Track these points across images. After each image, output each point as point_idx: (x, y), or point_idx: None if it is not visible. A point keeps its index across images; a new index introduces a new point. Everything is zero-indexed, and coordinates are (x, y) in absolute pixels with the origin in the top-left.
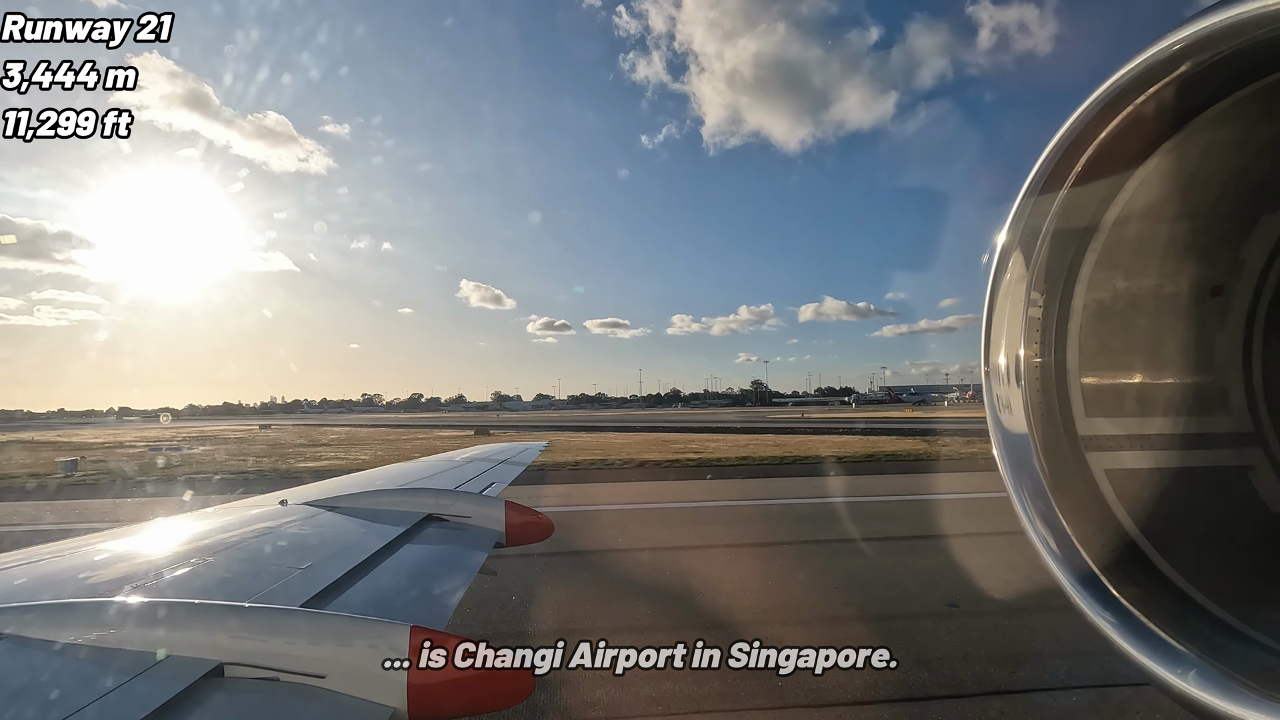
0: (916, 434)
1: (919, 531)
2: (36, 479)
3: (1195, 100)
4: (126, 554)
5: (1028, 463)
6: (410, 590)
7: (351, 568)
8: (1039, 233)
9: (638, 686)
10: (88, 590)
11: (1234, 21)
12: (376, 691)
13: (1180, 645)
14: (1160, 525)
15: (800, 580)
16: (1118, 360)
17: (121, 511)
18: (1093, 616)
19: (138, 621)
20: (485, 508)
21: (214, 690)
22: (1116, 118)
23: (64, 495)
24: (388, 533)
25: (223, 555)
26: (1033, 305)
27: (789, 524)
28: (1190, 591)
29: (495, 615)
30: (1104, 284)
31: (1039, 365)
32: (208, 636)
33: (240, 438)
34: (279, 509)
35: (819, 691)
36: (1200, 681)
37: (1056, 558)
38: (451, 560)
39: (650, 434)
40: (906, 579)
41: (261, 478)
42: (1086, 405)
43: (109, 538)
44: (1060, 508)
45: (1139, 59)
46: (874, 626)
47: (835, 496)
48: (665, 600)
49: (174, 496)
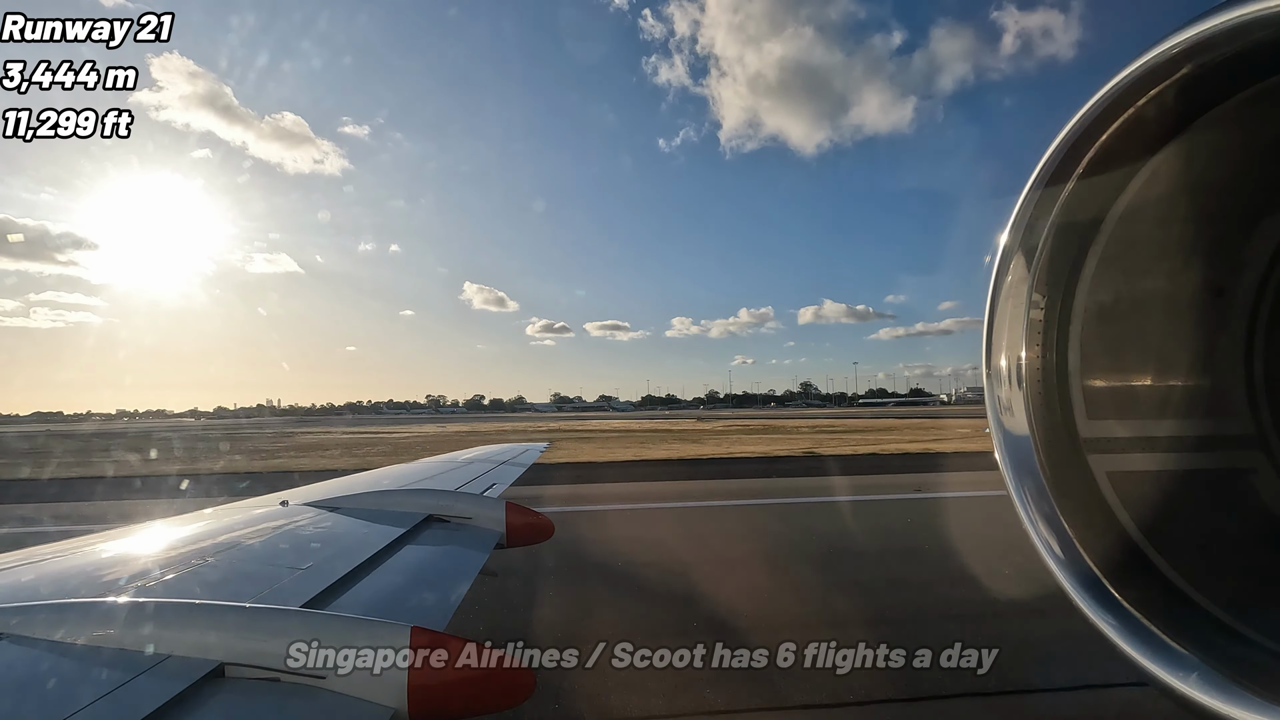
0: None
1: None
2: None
3: (1197, 102)
4: (127, 554)
5: (1029, 464)
6: (411, 591)
7: (353, 568)
8: (1040, 236)
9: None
10: (88, 590)
11: (1236, 24)
12: (377, 692)
13: (1181, 648)
14: (1162, 527)
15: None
16: (1119, 362)
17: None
18: (1094, 618)
19: (138, 621)
20: (486, 509)
21: (214, 690)
22: (1118, 120)
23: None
24: (389, 533)
25: (224, 555)
26: (1034, 307)
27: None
28: (1191, 594)
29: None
30: (1105, 286)
31: (1040, 367)
32: (208, 637)
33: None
34: (280, 509)
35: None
36: (1201, 684)
37: (1058, 560)
38: (452, 561)
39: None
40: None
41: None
42: (1088, 407)
43: (110, 537)
44: (1062, 510)
45: (1141, 61)
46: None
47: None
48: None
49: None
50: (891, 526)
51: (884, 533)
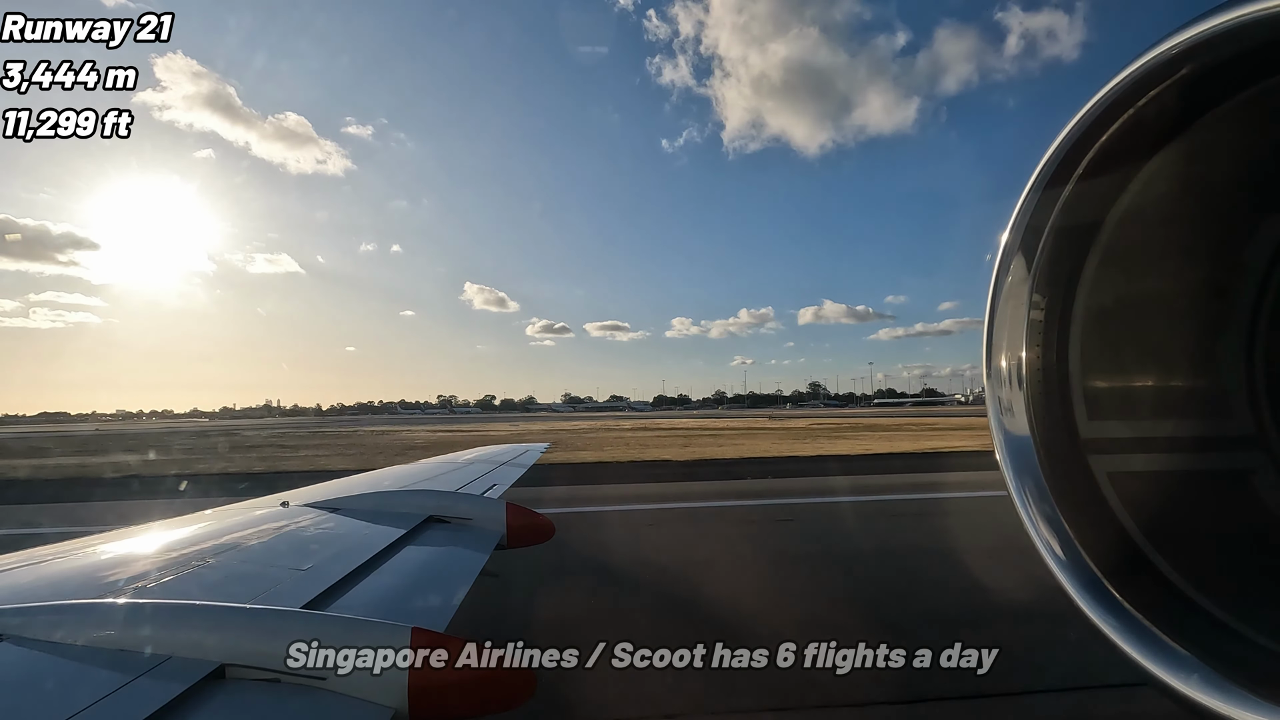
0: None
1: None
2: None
3: (1197, 102)
4: (128, 555)
5: (1030, 465)
6: (412, 591)
7: (353, 569)
8: (1041, 236)
9: None
10: (89, 591)
11: (1236, 24)
12: (378, 693)
13: (1182, 648)
14: (1163, 528)
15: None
16: (1120, 363)
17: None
18: (1095, 619)
19: (139, 622)
20: (487, 509)
21: (215, 691)
22: (1118, 121)
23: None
24: (389, 534)
25: (224, 556)
26: (1035, 308)
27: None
28: (1193, 595)
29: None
30: (1106, 287)
31: (1041, 368)
32: (209, 637)
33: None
34: (281, 510)
35: None
36: (1202, 686)
37: (1059, 560)
38: (453, 561)
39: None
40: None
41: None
42: (1089, 408)
43: (111, 538)
44: (1062, 511)
45: (1141, 61)
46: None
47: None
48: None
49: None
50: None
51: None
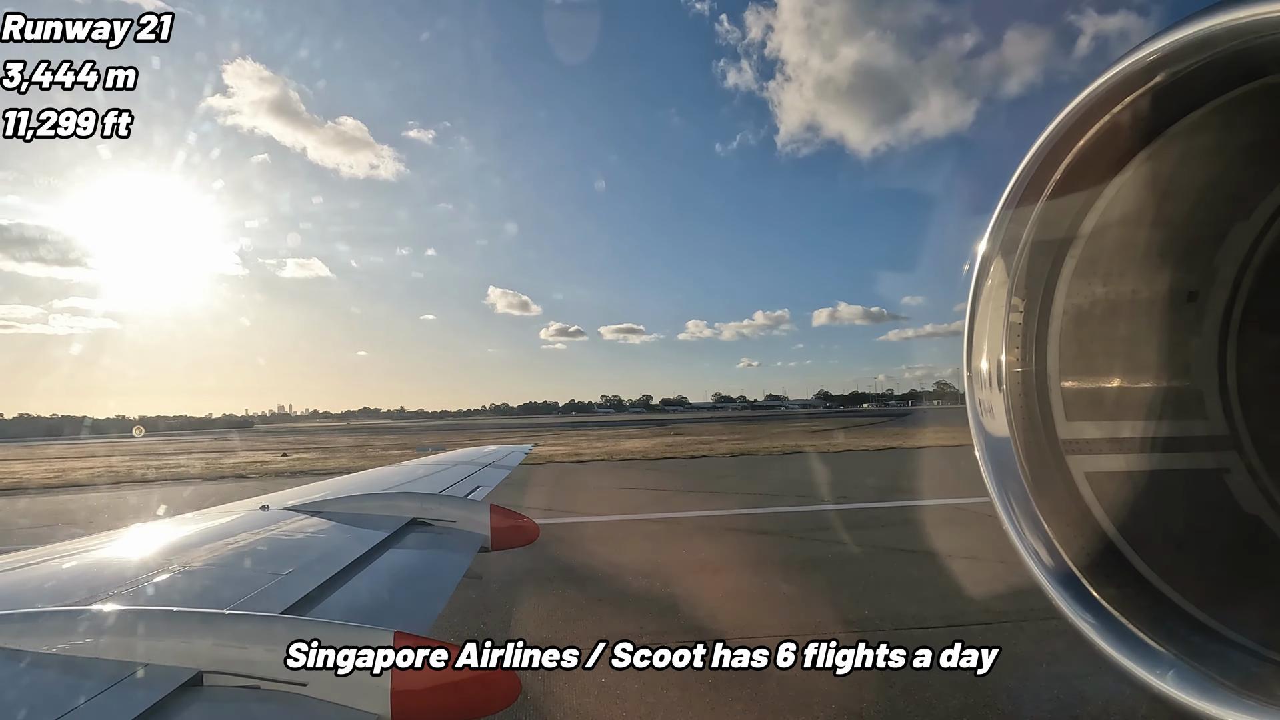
0: None
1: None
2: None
3: (1170, 110)
4: (102, 561)
5: (1010, 466)
6: (394, 595)
7: (334, 573)
8: (1019, 240)
9: None
10: (61, 598)
11: (1206, 34)
12: (360, 698)
13: (1159, 646)
14: (1139, 527)
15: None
16: (1097, 365)
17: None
18: (1073, 617)
19: (113, 630)
20: (470, 512)
21: (192, 700)
22: (1093, 128)
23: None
24: (371, 537)
25: (202, 561)
26: (1014, 311)
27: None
28: (1168, 592)
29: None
30: (1083, 290)
31: (1020, 370)
32: (186, 645)
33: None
34: (261, 514)
35: None
36: (1178, 682)
37: (1037, 559)
38: (436, 565)
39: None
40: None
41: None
42: (1067, 409)
43: (84, 544)
44: (1041, 510)
45: (1113, 71)
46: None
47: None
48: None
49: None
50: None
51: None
